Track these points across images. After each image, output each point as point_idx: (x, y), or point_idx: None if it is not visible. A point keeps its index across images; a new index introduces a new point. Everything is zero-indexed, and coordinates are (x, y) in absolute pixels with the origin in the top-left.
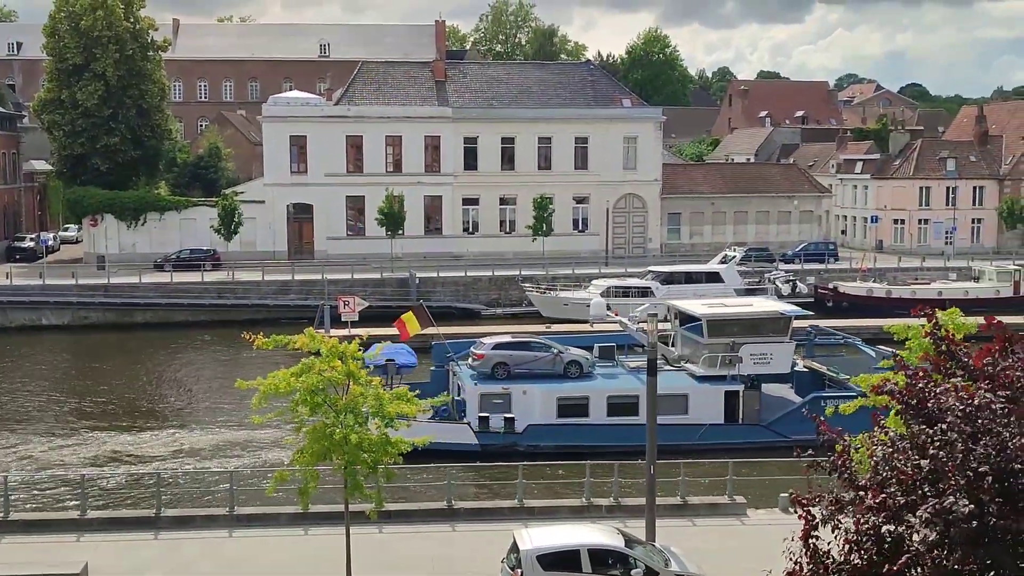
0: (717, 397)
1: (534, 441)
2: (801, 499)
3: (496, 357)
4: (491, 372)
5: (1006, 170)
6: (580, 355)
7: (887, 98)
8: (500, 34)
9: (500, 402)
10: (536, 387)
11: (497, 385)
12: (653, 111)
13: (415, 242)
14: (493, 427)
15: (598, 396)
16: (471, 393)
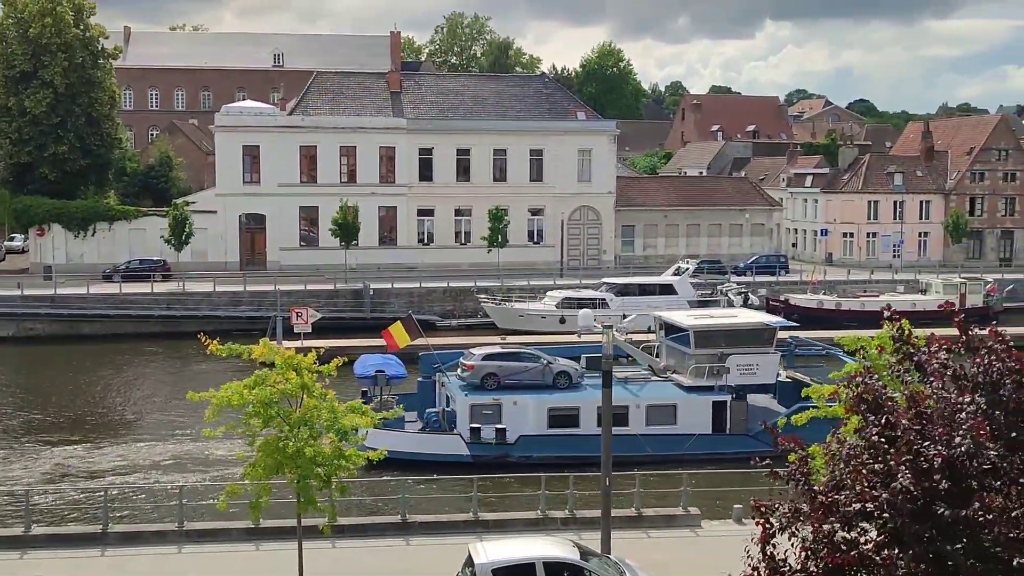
0: (705, 407)
1: (526, 452)
2: (760, 506)
3: (486, 368)
4: (481, 383)
5: (951, 185)
6: (569, 366)
7: (836, 113)
8: (455, 46)
9: (490, 413)
10: (527, 398)
11: (487, 396)
12: (607, 124)
13: (369, 253)
14: (485, 438)
15: (588, 407)
16: (462, 404)
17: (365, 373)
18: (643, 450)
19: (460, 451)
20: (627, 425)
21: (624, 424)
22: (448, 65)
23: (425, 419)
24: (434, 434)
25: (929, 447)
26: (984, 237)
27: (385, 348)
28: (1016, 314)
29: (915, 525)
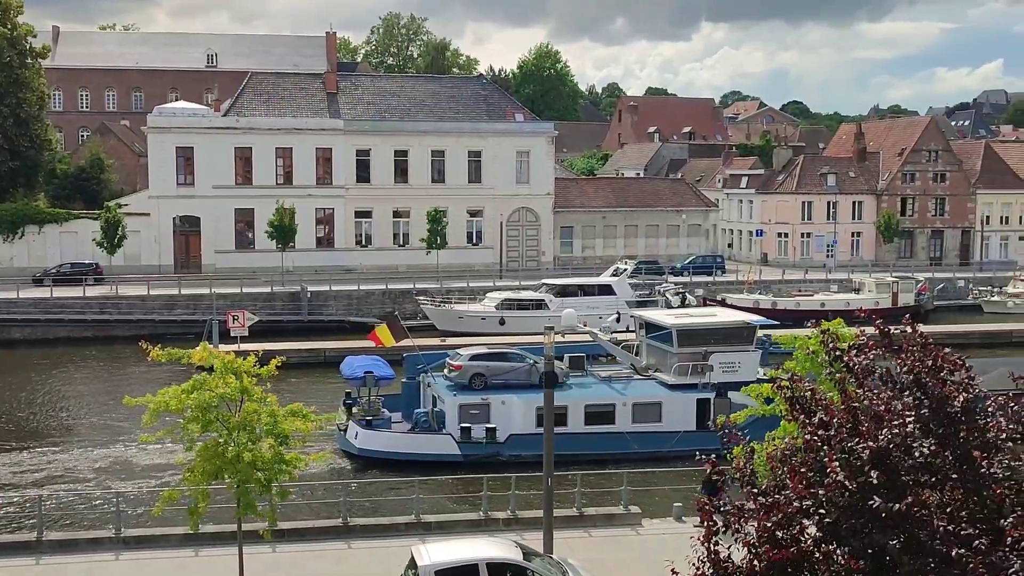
0: (689, 405)
1: (516, 451)
2: (705, 504)
3: (474, 368)
4: (468, 383)
5: (883, 185)
6: (556, 365)
7: (770, 115)
8: (392, 47)
9: (478, 412)
10: (515, 397)
11: (476, 396)
12: (545, 126)
13: (306, 255)
14: (475, 437)
15: (576, 405)
16: (450, 404)
17: (354, 374)
18: (630, 447)
19: (451, 450)
20: (614, 423)
21: (611, 422)
22: (385, 66)
23: (414, 419)
24: (424, 434)
25: (860, 443)
26: (915, 237)
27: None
28: (946, 312)
29: (851, 519)
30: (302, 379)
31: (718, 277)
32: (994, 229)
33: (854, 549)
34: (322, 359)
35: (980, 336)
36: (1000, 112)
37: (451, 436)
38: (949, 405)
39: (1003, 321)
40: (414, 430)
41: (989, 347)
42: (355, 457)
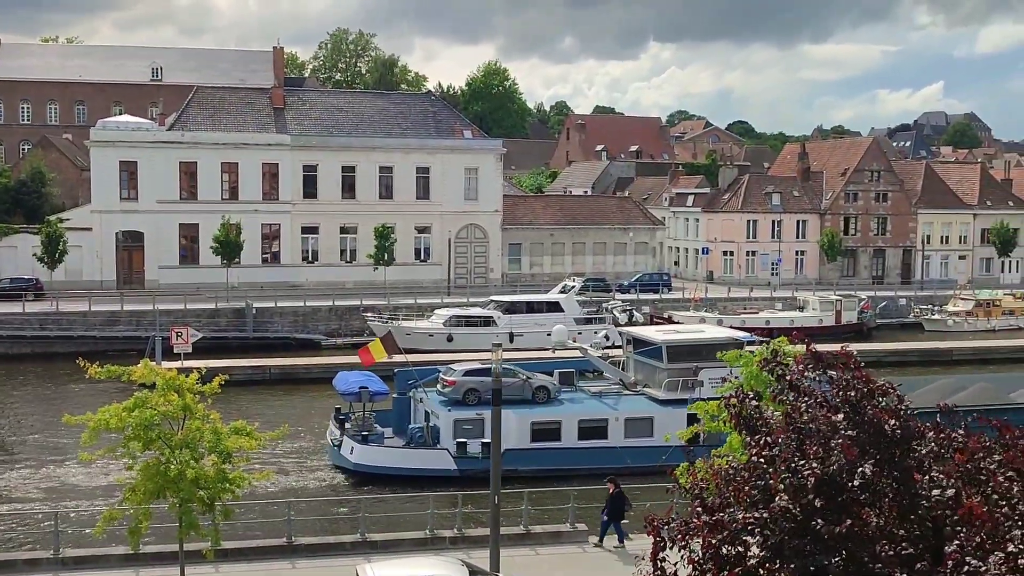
0: (680, 419)
1: (512, 465)
2: (652, 520)
3: (467, 383)
4: (462, 398)
5: (827, 204)
6: (547, 381)
7: (716, 134)
8: (340, 62)
9: (472, 428)
10: (510, 412)
11: (471, 411)
12: (494, 143)
13: (252, 271)
14: (471, 452)
15: (569, 420)
16: (445, 419)
17: (349, 390)
18: (624, 462)
19: (448, 465)
20: (607, 438)
21: (604, 437)
22: (332, 82)
23: (409, 435)
24: (420, 449)
25: (804, 466)
26: (858, 255)
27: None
28: (888, 330)
29: (794, 540)
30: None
31: (665, 295)
32: (935, 248)
33: (797, 568)
34: (267, 376)
35: (921, 353)
36: (940, 133)
37: (447, 451)
38: (884, 431)
39: (943, 339)
40: (409, 445)
41: (930, 364)
42: (351, 472)
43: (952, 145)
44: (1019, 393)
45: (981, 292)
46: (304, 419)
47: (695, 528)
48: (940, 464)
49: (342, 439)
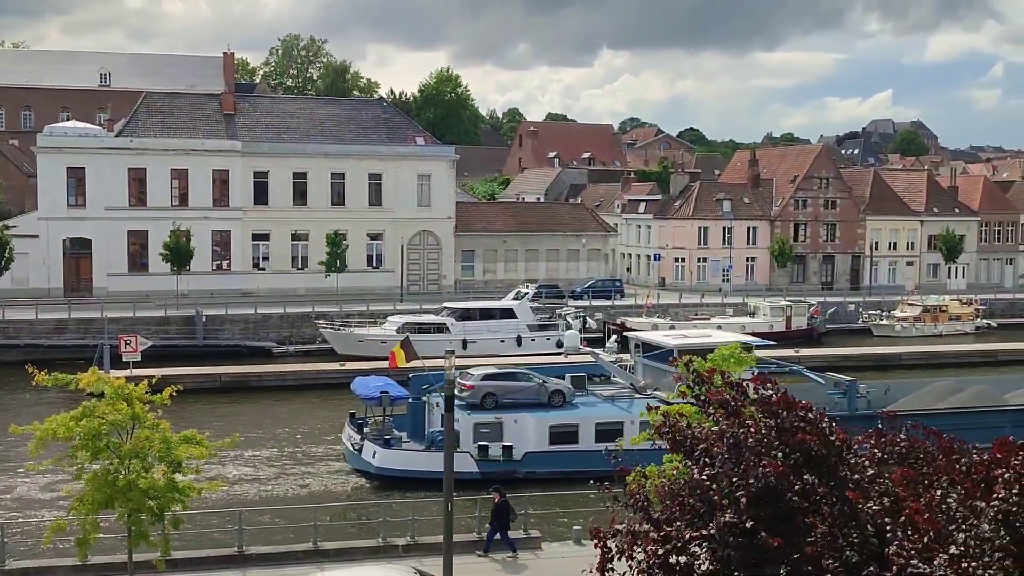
0: None
1: (531, 468)
2: (598, 531)
3: (485, 388)
4: (480, 402)
5: (776, 211)
6: (562, 385)
7: (667, 141)
8: (291, 68)
9: (490, 431)
10: (528, 416)
11: (490, 415)
12: (446, 149)
13: (202, 278)
14: (492, 455)
15: (587, 423)
16: (465, 423)
17: (370, 394)
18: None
19: (470, 468)
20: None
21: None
22: (284, 88)
23: (429, 438)
24: (440, 453)
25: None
26: (807, 262)
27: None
28: (838, 335)
29: (741, 552)
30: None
31: (617, 301)
32: (883, 255)
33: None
34: (218, 384)
35: (870, 358)
36: (888, 141)
37: (469, 454)
38: (811, 452)
39: (892, 344)
40: (430, 449)
41: (879, 369)
42: (373, 476)
43: (900, 153)
44: (1013, 395)
45: (928, 298)
46: (263, 425)
47: (644, 540)
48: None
49: (363, 443)
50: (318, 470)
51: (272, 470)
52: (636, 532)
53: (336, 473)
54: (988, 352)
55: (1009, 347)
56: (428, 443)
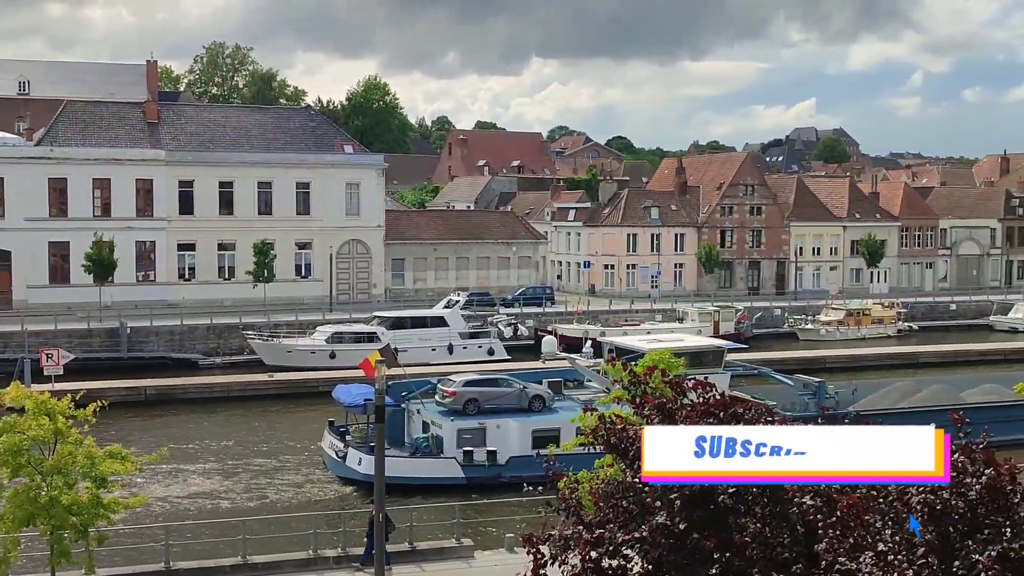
0: None
1: (516, 472)
2: (531, 537)
3: (468, 394)
4: (463, 408)
5: (703, 218)
6: (542, 390)
7: (595, 149)
8: (216, 76)
9: (473, 437)
10: (511, 420)
11: (473, 421)
12: (375, 158)
13: (126, 290)
14: (477, 460)
15: (569, 427)
16: (448, 429)
17: (354, 402)
18: None
19: (455, 474)
20: None
21: None
22: (209, 96)
23: (414, 445)
24: (426, 458)
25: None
26: (734, 267)
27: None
28: (764, 339)
29: (673, 555)
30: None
31: (548, 308)
32: (807, 260)
33: None
34: (144, 397)
35: (795, 362)
36: (811, 148)
37: (455, 460)
38: None
39: (817, 348)
40: (415, 455)
41: (804, 372)
42: (359, 483)
43: (823, 160)
44: (969, 393)
45: (851, 302)
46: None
47: (575, 543)
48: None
49: (347, 450)
50: (257, 482)
51: (204, 482)
52: (568, 536)
53: (275, 484)
54: (910, 354)
55: (930, 349)
56: (412, 449)
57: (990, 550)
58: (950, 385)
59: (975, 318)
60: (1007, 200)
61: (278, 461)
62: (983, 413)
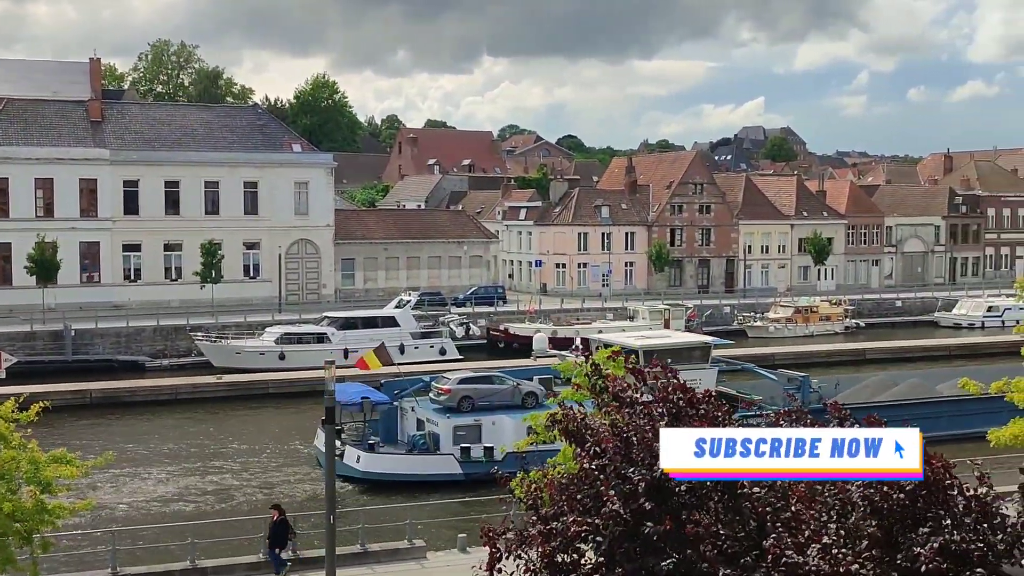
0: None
1: (513, 468)
2: (488, 530)
3: (462, 391)
4: (457, 405)
5: (653, 217)
6: (535, 386)
7: (546, 148)
8: (161, 74)
9: (468, 433)
10: (506, 417)
11: (468, 417)
12: (324, 157)
13: (70, 291)
14: (474, 456)
15: None
16: (445, 426)
17: (351, 400)
18: None
19: (454, 470)
20: None
21: None
22: (154, 94)
23: (410, 442)
24: (424, 455)
25: (634, 472)
26: (684, 266)
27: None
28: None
29: (625, 545)
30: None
31: (500, 307)
32: (755, 258)
33: (630, 572)
34: (89, 401)
35: (745, 360)
36: (759, 147)
37: (452, 456)
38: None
39: (765, 345)
40: (412, 452)
41: None
42: (358, 480)
43: (770, 158)
44: (943, 386)
45: (799, 299)
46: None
47: (531, 538)
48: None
49: (344, 448)
50: (206, 485)
51: (152, 486)
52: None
53: (224, 487)
54: (857, 351)
55: (876, 346)
56: (410, 446)
57: (931, 542)
58: (925, 379)
59: (920, 314)
60: (951, 198)
61: (228, 464)
62: (957, 406)
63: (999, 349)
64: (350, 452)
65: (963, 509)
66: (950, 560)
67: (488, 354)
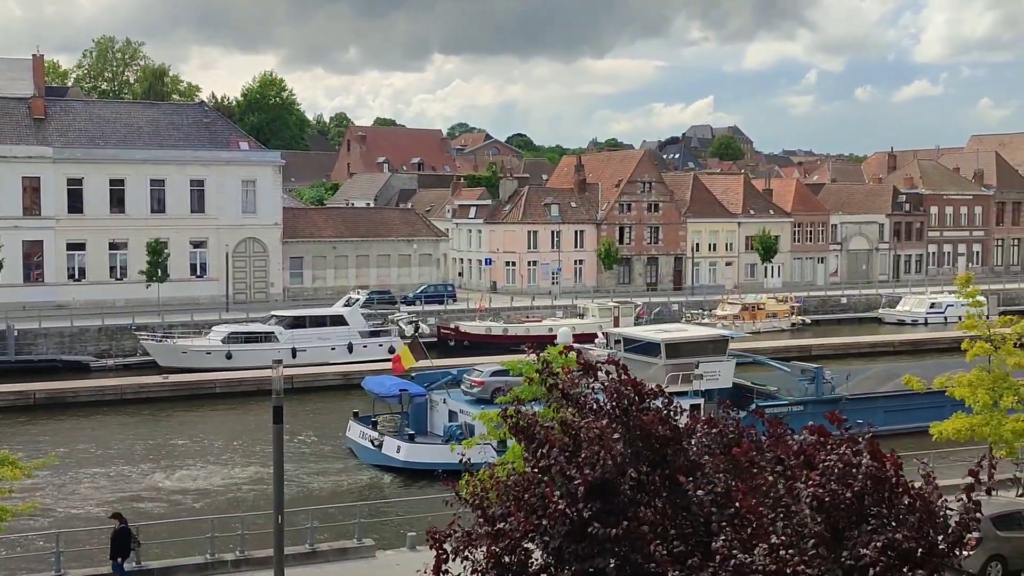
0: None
1: None
2: (434, 532)
3: (495, 383)
4: (490, 397)
5: (602, 215)
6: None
7: (496, 147)
8: (106, 71)
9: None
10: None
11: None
12: (271, 154)
13: (12, 291)
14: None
15: None
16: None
17: (389, 392)
18: None
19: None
20: None
21: None
22: (98, 91)
23: (448, 433)
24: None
25: (577, 473)
26: (633, 264)
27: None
28: None
29: (572, 545)
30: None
31: (450, 305)
32: (703, 256)
33: (577, 572)
34: (33, 402)
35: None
36: (707, 146)
37: (490, 446)
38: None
39: None
40: (450, 441)
41: None
42: (397, 471)
43: (718, 157)
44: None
45: (746, 296)
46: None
47: (477, 539)
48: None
49: (383, 439)
50: (152, 485)
51: (97, 487)
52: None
53: (170, 488)
54: (804, 347)
55: (823, 342)
56: (447, 437)
57: (876, 540)
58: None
59: (865, 311)
60: (894, 196)
61: (174, 464)
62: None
63: (942, 345)
64: (389, 443)
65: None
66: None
67: (439, 352)
